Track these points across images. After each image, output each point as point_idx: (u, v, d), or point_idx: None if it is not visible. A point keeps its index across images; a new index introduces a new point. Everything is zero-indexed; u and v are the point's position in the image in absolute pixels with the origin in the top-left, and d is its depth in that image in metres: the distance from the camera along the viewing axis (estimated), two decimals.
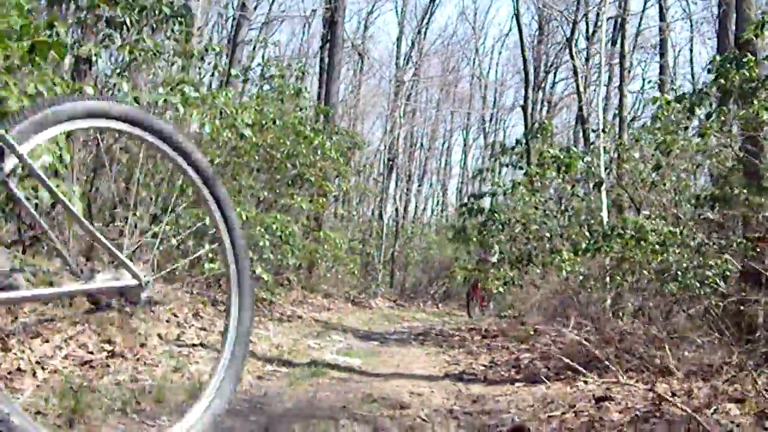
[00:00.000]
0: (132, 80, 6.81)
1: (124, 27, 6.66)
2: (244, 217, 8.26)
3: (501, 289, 10.87)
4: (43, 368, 4.17)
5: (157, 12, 6.85)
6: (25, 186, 3.70)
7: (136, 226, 7.77)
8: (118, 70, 6.95)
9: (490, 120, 39.55)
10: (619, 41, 19.95)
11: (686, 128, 8.63)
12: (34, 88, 3.83)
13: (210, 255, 8.42)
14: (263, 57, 21.81)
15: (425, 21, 34.70)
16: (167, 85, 6.91)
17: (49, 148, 3.71)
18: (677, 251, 7.66)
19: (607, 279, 8.73)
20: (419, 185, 36.59)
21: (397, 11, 34.21)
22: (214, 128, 7.52)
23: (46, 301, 4.79)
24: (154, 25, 7.30)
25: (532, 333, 8.48)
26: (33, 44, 3.69)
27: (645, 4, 25.31)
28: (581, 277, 8.97)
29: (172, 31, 7.39)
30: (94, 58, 5.55)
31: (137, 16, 6.76)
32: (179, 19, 7.03)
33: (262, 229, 9.41)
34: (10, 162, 2.03)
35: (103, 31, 6.88)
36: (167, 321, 6.83)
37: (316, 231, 14.43)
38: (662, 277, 7.70)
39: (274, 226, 9.68)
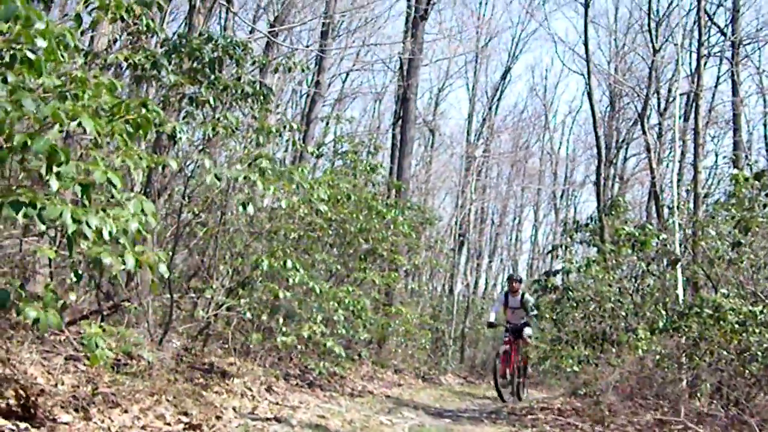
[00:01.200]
0: (212, 156, 6.99)
1: (207, 104, 6.89)
2: (318, 291, 8.32)
3: (576, 368, 10.71)
4: None
5: (239, 91, 7.06)
6: (111, 252, 3.80)
7: (211, 299, 7.91)
8: (200, 146, 7.16)
9: (561, 196, 39.40)
10: (692, 116, 19.77)
11: (765, 205, 8.51)
12: (120, 162, 3.97)
13: (283, 329, 8.50)
14: (335, 133, 22.27)
15: (496, 97, 35.00)
16: (245, 160, 7.08)
17: (138, 215, 3.83)
18: (757, 331, 7.49)
19: (684, 359, 8.55)
20: (490, 261, 36.47)
21: (468, 88, 34.53)
22: (290, 204, 7.64)
23: None
24: (232, 103, 7.53)
25: (607, 413, 8.32)
26: (127, 121, 3.83)
27: (718, 79, 25.04)
28: (657, 357, 8.80)
29: (251, 108, 7.61)
30: (178, 135, 5.72)
31: (220, 95, 6.98)
32: (260, 97, 7.23)
33: (335, 303, 9.47)
34: None
35: (185, 108, 7.12)
36: (241, 394, 6.88)
37: (387, 306, 14.44)
38: (742, 357, 7.53)
39: (347, 300, 9.74)
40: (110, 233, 3.62)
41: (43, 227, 3.46)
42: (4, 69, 3.40)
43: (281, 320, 8.63)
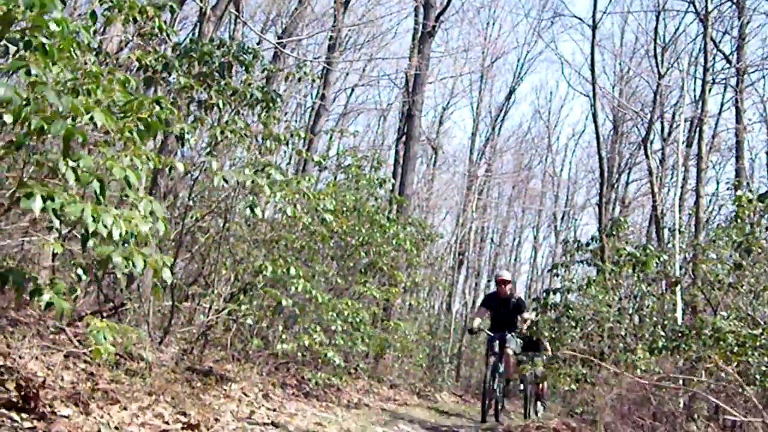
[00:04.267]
0: (219, 160, 7.02)
1: (215, 108, 6.93)
2: (319, 300, 8.33)
3: (573, 387, 10.70)
4: None
5: (248, 96, 7.10)
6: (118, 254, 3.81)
7: (211, 304, 7.92)
8: (208, 149, 7.18)
9: (562, 218, 39.42)
10: (695, 142, 19.84)
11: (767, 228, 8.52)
12: (129, 161, 3.99)
13: (283, 336, 8.50)
14: (339, 147, 22.29)
15: (500, 118, 35.05)
16: (252, 166, 7.11)
17: (147, 217, 3.84)
18: (756, 354, 7.50)
19: (681, 381, 8.55)
20: (488, 280, 36.39)
21: (472, 107, 34.49)
22: (294, 212, 7.66)
23: None
24: (240, 109, 7.57)
25: None
26: (139, 119, 3.85)
27: (722, 106, 25.13)
28: (655, 377, 8.80)
29: (259, 116, 7.64)
30: (187, 136, 5.76)
31: (229, 99, 7.02)
32: (268, 104, 7.26)
33: (334, 315, 9.48)
34: None
35: (194, 112, 7.15)
36: (239, 399, 6.88)
37: (386, 320, 14.43)
38: (741, 379, 7.52)
39: (346, 312, 9.75)
40: (120, 234, 3.63)
41: (57, 223, 3.48)
42: (20, 59, 3.42)
43: (281, 328, 8.64)
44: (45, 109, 3.48)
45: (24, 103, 3.17)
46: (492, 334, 11.54)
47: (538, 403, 13.83)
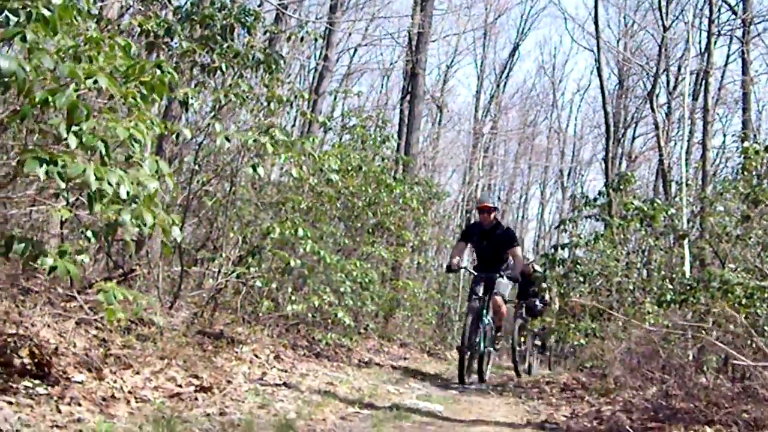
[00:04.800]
0: (223, 123, 7.01)
1: (218, 72, 6.90)
2: (327, 261, 8.35)
3: (582, 341, 10.74)
4: (135, 398, 4.29)
5: (251, 58, 7.07)
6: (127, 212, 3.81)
7: (220, 268, 7.95)
8: (212, 113, 7.18)
9: (568, 174, 39.40)
10: (701, 95, 19.73)
11: None
12: (134, 125, 3.98)
13: (292, 297, 8.54)
14: (343, 108, 22.23)
15: (504, 75, 34.95)
16: (256, 129, 7.11)
17: (154, 176, 3.85)
18: (764, 306, 7.51)
19: (690, 333, 8.58)
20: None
21: (476, 65, 34.52)
22: (300, 173, 7.66)
23: None
24: (242, 72, 7.54)
25: (613, 386, 8.36)
26: (142, 83, 3.84)
27: (728, 58, 24.98)
28: (664, 330, 8.82)
29: (262, 78, 7.61)
30: (190, 101, 5.74)
31: (232, 62, 7.00)
32: (271, 65, 7.24)
33: (343, 275, 9.51)
34: None
35: (197, 76, 7.13)
36: (250, 361, 6.92)
37: (395, 280, 14.48)
38: (750, 330, 7.54)
39: (354, 273, 9.78)
40: (128, 193, 3.63)
41: (62, 185, 3.48)
42: (22, 28, 3.40)
43: (290, 289, 8.68)
44: (45, 76, 3.48)
45: (25, 72, 3.16)
46: (476, 274, 9.67)
47: (533, 359, 13.83)
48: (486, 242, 9.72)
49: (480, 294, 9.32)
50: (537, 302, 13.15)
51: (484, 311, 9.38)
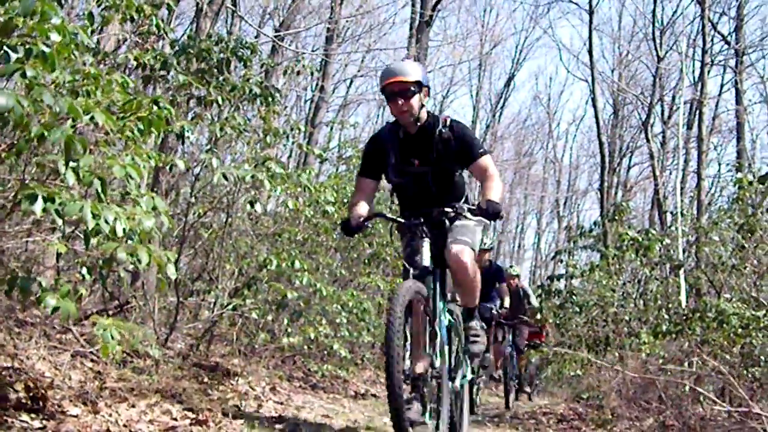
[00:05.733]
0: (219, 156, 7.05)
1: (214, 104, 6.95)
2: (323, 293, 8.35)
3: (579, 372, 10.74)
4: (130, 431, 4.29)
5: (247, 91, 7.12)
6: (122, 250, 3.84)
7: (216, 300, 7.95)
8: (208, 146, 7.22)
9: (564, 203, 39.52)
10: (696, 124, 19.85)
11: None
12: (131, 160, 4.01)
13: (288, 329, 8.54)
14: (340, 139, 22.29)
15: (499, 105, 35.14)
16: (253, 161, 7.15)
17: (149, 213, 3.87)
18: (760, 336, 7.53)
19: (686, 364, 8.59)
20: None
21: (471, 95, 34.63)
22: (296, 205, 7.70)
23: None
24: (239, 105, 7.60)
25: (610, 417, 8.36)
26: (139, 118, 3.88)
27: (721, 87, 25.13)
28: (660, 361, 8.84)
29: (258, 110, 7.66)
30: (187, 134, 5.78)
31: (228, 95, 7.04)
32: (267, 98, 7.29)
33: (339, 306, 9.51)
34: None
35: (193, 108, 7.18)
36: (246, 393, 6.91)
37: None
38: (745, 361, 7.56)
39: (350, 304, 9.77)
40: (124, 230, 3.65)
41: (60, 222, 3.50)
42: (21, 64, 3.44)
43: (286, 321, 8.68)
44: (44, 111, 3.51)
45: (23, 108, 3.19)
46: (407, 221, 4.97)
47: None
48: (417, 161, 5.13)
49: (424, 262, 4.75)
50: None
51: (437, 296, 4.84)
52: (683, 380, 8.27)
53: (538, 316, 11.64)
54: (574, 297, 11.38)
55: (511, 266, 14.22)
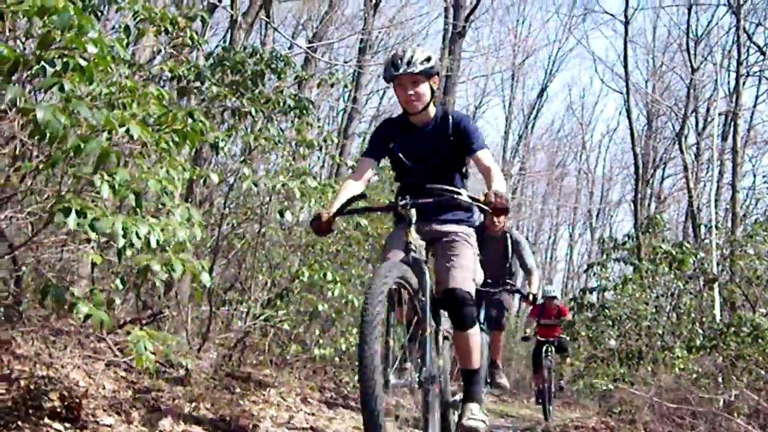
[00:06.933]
0: (252, 167, 7.10)
1: (248, 116, 7.00)
2: (356, 304, 8.36)
3: (611, 386, 10.64)
4: None
5: (281, 103, 7.16)
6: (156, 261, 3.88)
7: (249, 310, 7.98)
8: (242, 158, 7.28)
9: (597, 215, 39.26)
10: (730, 136, 19.66)
11: None
12: (166, 173, 4.04)
13: (320, 340, 8.55)
14: None
15: (532, 115, 35.02)
16: (287, 172, 7.19)
17: (184, 224, 3.91)
18: None
19: (721, 378, 8.50)
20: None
21: (504, 105, 34.56)
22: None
23: None
24: (272, 116, 7.63)
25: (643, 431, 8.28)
26: (174, 131, 3.92)
27: (757, 98, 25.00)
28: (694, 376, 8.75)
29: (292, 122, 7.71)
30: (221, 145, 5.82)
31: (262, 107, 7.09)
32: (301, 110, 7.33)
33: None
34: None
35: (227, 120, 7.23)
36: (277, 404, 6.92)
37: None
38: None
39: None
40: (158, 242, 3.69)
41: (93, 236, 3.54)
42: (59, 77, 3.48)
43: (317, 332, 8.69)
44: (81, 124, 3.55)
45: (61, 123, 3.22)
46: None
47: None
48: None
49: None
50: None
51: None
52: (718, 395, 8.19)
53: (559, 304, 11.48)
54: (606, 310, 11.28)
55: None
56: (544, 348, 12.64)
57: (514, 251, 8.13)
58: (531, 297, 7.95)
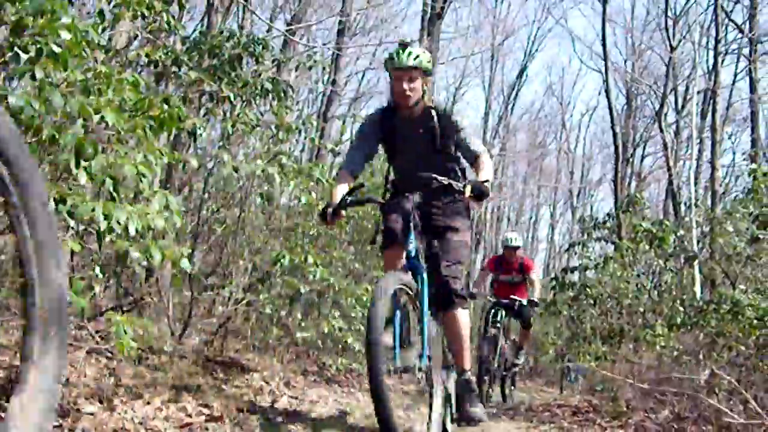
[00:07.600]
0: (231, 152, 7.07)
1: (226, 101, 6.94)
2: (337, 287, 8.36)
3: (593, 364, 10.69)
4: (146, 429, 4.30)
5: (259, 87, 7.12)
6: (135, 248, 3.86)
7: (230, 295, 7.96)
8: (221, 142, 7.23)
9: (578, 194, 39.41)
10: (709, 114, 19.74)
11: None
12: (143, 158, 4.01)
13: (302, 324, 8.55)
14: (352, 132, 22.29)
15: (512, 96, 35.01)
16: (265, 156, 7.16)
17: (161, 212, 3.88)
18: None
19: (701, 355, 8.56)
20: None
21: (484, 86, 34.53)
22: (309, 200, 7.69)
23: None
24: (251, 100, 7.58)
25: (625, 409, 8.33)
26: (150, 117, 3.89)
27: (735, 76, 24.98)
28: (675, 353, 8.81)
29: (270, 105, 7.66)
30: (199, 131, 5.78)
31: (240, 91, 7.04)
32: (279, 94, 7.28)
33: (353, 300, 9.51)
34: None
35: (205, 105, 7.18)
36: (260, 388, 6.92)
37: None
38: (760, 352, 7.53)
39: (364, 298, 9.77)
40: (136, 229, 3.67)
41: (72, 223, 3.52)
42: (31, 65, 3.44)
43: (300, 315, 8.69)
44: (56, 110, 3.51)
45: (35, 110, 3.19)
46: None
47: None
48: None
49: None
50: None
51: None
52: (699, 372, 8.25)
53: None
54: (588, 289, 11.32)
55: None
56: (494, 311, 10.85)
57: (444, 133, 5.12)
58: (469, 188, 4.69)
